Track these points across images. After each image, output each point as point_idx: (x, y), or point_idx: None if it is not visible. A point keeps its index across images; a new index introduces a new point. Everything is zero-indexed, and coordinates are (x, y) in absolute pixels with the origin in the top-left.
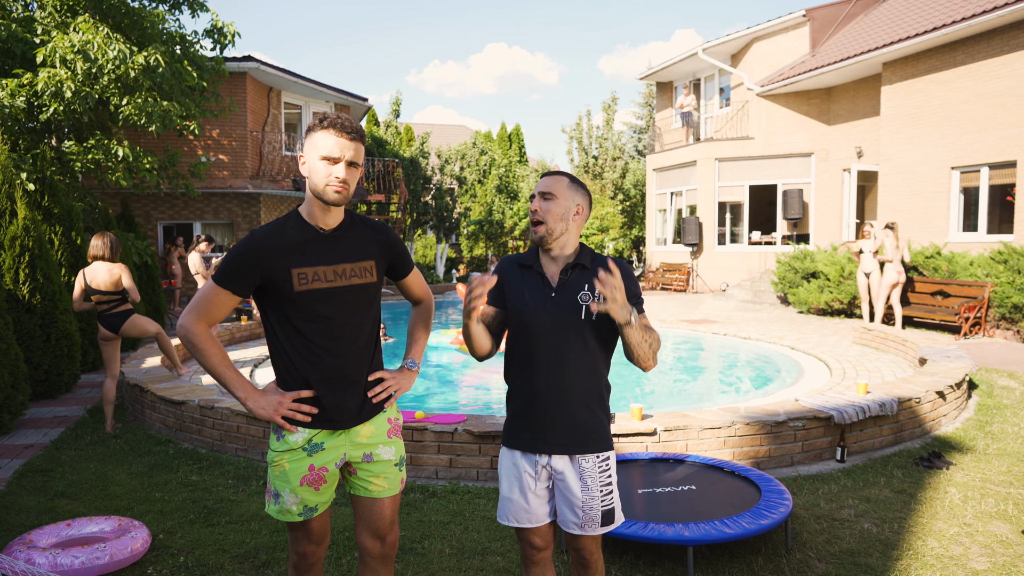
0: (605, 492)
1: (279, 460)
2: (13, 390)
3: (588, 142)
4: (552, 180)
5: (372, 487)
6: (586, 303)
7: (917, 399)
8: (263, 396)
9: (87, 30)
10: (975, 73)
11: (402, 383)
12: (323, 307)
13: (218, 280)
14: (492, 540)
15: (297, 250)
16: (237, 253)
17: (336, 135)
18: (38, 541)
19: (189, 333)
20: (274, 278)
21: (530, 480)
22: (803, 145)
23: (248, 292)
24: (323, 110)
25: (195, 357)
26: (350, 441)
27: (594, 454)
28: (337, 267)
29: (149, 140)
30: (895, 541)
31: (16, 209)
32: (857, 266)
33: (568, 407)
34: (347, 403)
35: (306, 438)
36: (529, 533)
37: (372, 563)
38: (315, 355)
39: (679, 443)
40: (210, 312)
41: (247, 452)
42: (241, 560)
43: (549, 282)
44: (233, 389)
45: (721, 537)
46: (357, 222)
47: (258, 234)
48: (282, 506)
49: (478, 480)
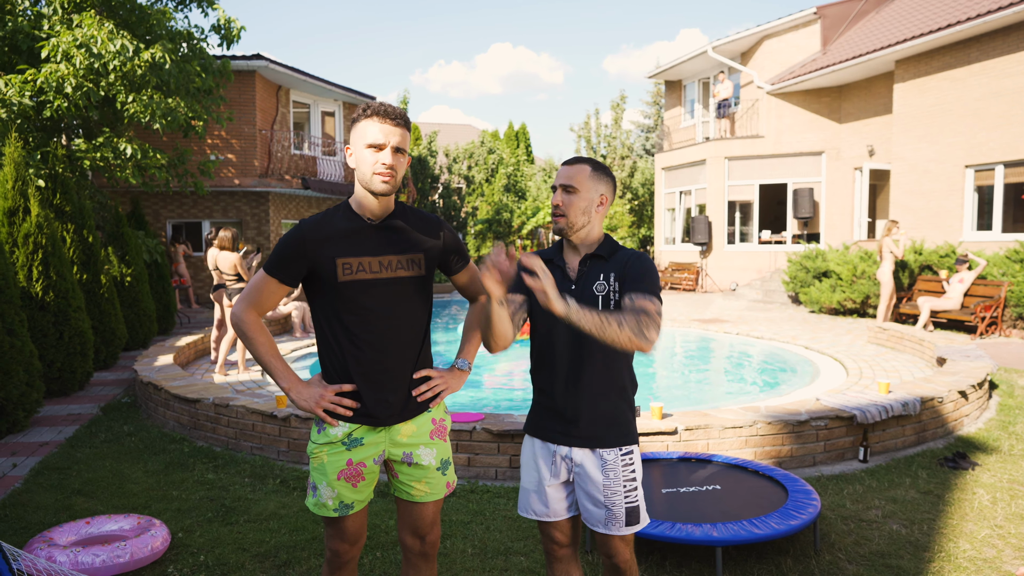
0: (629, 488)
1: (318, 452)
2: (28, 387)
3: (597, 141)
4: (574, 170)
5: (414, 492)
6: (601, 293)
7: (939, 399)
8: (306, 388)
9: (90, 25)
10: (990, 70)
11: (451, 383)
12: (366, 299)
13: (267, 269)
14: (515, 540)
15: (343, 240)
16: (285, 242)
17: (380, 121)
18: (58, 539)
19: (240, 321)
20: (320, 267)
21: (547, 471)
22: (814, 144)
23: (296, 282)
24: (331, 109)
25: (244, 344)
26: (390, 439)
27: (616, 447)
28: (383, 258)
29: (158, 139)
30: (926, 543)
31: (30, 206)
32: (875, 266)
33: (588, 399)
34: (388, 399)
35: (346, 432)
36: (550, 527)
37: (413, 559)
38: (357, 348)
39: (700, 442)
40: (260, 301)
41: (262, 450)
42: (261, 559)
43: (569, 275)
44: (278, 379)
45: (751, 538)
46: (409, 213)
47: (306, 224)
48: (318, 499)
49: (497, 479)
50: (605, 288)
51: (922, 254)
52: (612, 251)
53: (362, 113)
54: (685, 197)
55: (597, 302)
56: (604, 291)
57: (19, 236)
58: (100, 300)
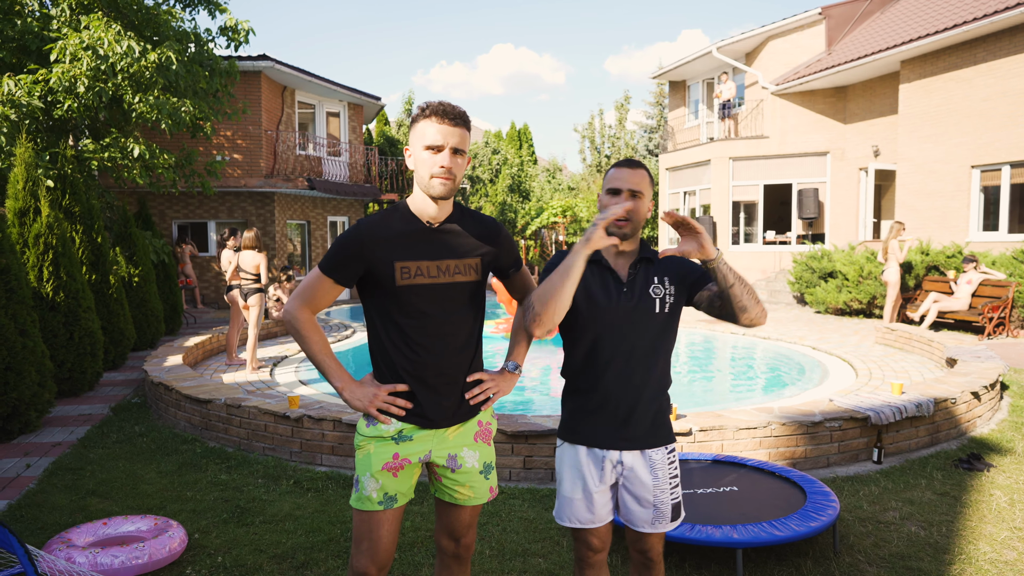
0: (673, 484)
1: (364, 444)
2: (40, 388)
3: (601, 141)
4: (638, 177)
5: (457, 495)
6: (658, 296)
7: (953, 400)
8: (359, 387)
9: (97, 28)
10: (997, 71)
11: (502, 386)
12: (424, 303)
13: (323, 268)
14: (532, 541)
15: (402, 243)
16: (343, 242)
17: (439, 122)
18: (76, 540)
19: (293, 319)
20: (377, 270)
21: (595, 478)
22: (819, 144)
23: (351, 282)
24: (336, 109)
25: (297, 342)
26: (437, 439)
27: (663, 447)
28: (441, 263)
29: (164, 140)
30: (945, 545)
31: (40, 207)
32: (880, 267)
33: (640, 402)
34: (442, 403)
35: (397, 429)
36: (588, 534)
37: (447, 560)
38: (412, 351)
39: (714, 443)
40: (314, 299)
41: (275, 451)
42: (279, 560)
43: (619, 277)
44: (331, 378)
45: (771, 540)
46: (467, 217)
47: (364, 224)
48: (361, 492)
49: (511, 480)
50: (662, 291)
51: (929, 255)
52: (655, 253)
53: (420, 113)
54: (689, 197)
55: (655, 305)
56: (661, 294)
57: (30, 237)
58: (109, 300)
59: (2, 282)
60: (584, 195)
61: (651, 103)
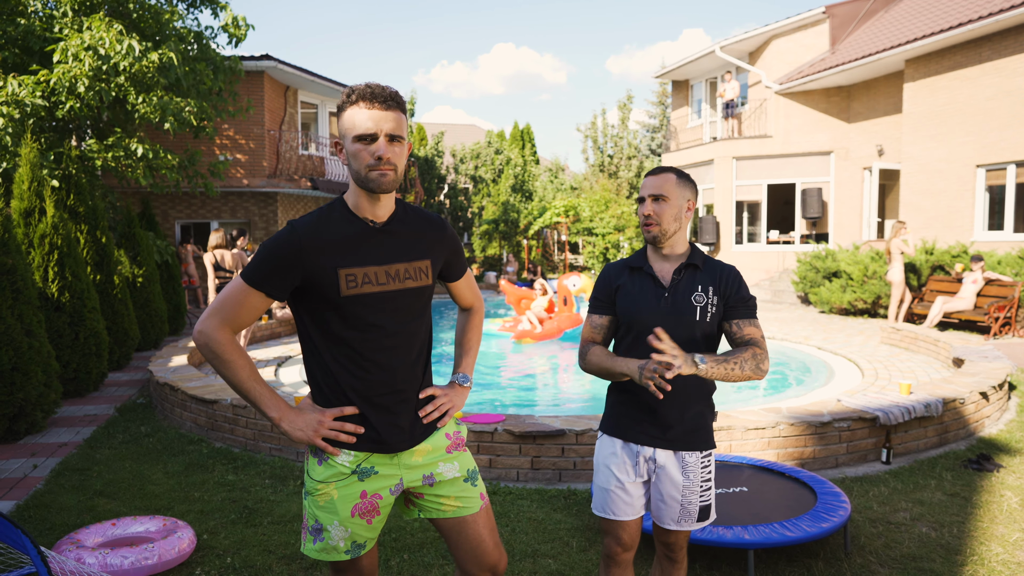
0: (704, 488)
1: (323, 489)
2: (46, 388)
3: (603, 141)
4: (661, 180)
5: (444, 507)
6: (700, 304)
7: (961, 400)
8: (299, 416)
9: (99, 28)
10: (1002, 69)
11: (455, 400)
12: (372, 314)
13: (250, 279)
14: (541, 542)
15: (345, 247)
16: (275, 248)
17: (368, 107)
18: (85, 540)
19: (210, 340)
20: (317, 280)
21: (630, 471)
22: (822, 143)
23: (285, 295)
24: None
25: (215, 368)
26: (404, 464)
27: (699, 451)
28: (390, 267)
29: (168, 140)
30: (957, 546)
31: (45, 207)
32: (885, 267)
33: (679, 406)
34: (398, 423)
35: (354, 461)
36: (619, 528)
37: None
38: (361, 368)
39: (723, 443)
40: (237, 317)
41: (281, 452)
42: (288, 561)
43: (661, 282)
44: (264, 408)
45: (783, 540)
46: (411, 214)
47: (300, 226)
48: (325, 543)
49: (518, 481)
50: (704, 300)
51: (933, 254)
52: (703, 260)
53: (346, 100)
54: None
55: (695, 313)
56: (703, 303)
57: (35, 237)
58: (113, 301)
59: (8, 282)
60: (587, 195)
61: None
